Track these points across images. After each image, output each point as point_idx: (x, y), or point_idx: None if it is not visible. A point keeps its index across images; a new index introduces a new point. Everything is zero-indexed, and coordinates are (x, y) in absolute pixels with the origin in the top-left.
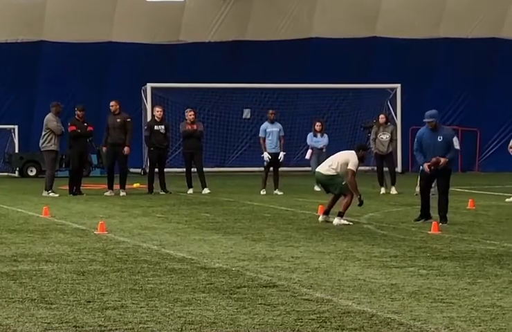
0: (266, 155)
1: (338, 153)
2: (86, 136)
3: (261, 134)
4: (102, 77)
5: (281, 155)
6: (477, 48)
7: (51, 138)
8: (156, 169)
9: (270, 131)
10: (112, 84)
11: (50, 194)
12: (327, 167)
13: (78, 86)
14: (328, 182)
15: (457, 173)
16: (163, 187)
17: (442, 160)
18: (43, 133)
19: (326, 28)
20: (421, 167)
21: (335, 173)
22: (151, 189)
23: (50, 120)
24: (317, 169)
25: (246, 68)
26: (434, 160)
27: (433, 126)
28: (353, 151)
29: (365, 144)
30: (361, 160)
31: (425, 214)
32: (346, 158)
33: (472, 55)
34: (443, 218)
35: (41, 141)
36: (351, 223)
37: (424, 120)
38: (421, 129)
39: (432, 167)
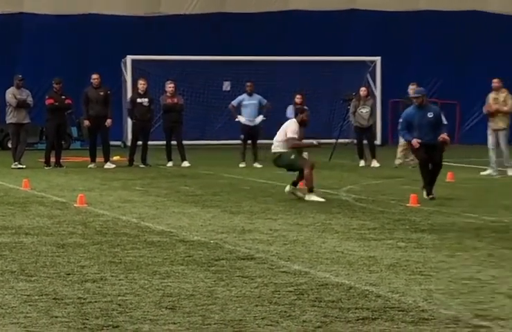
0: (240, 118)
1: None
2: (65, 109)
3: (233, 102)
4: (82, 49)
5: (259, 118)
6: (457, 21)
7: (11, 111)
8: (139, 142)
9: (248, 103)
10: (92, 56)
11: (18, 166)
12: (274, 144)
13: (58, 59)
14: (278, 162)
15: None
16: (144, 160)
17: (447, 137)
18: (6, 107)
19: (306, 0)
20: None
21: (282, 150)
22: (131, 162)
23: (7, 93)
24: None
25: (226, 40)
26: (441, 138)
27: (420, 102)
28: (293, 119)
29: (303, 107)
30: (302, 124)
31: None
32: (285, 129)
33: (452, 28)
34: (431, 192)
35: (6, 115)
36: (323, 200)
37: (411, 96)
38: (407, 109)
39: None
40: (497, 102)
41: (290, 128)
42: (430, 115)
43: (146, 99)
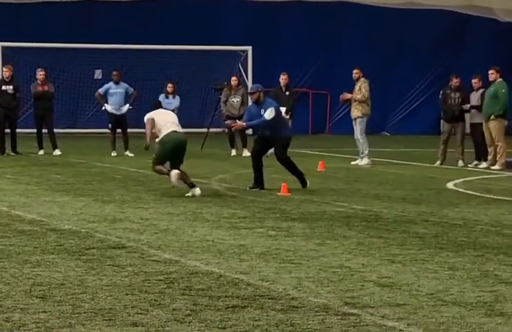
0: (106, 107)
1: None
2: None
3: (100, 90)
4: None
5: (125, 107)
6: (327, 11)
7: None
8: (8, 130)
9: (114, 91)
10: None
11: None
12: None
13: None
14: None
15: (308, 135)
16: (14, 149)
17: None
18: None
19: None
20: None
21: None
22: (2, 151)
23: None
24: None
25: (98, 27)
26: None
27: (256, 98)
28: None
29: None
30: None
31: (259, 182)
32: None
33: (323, 18)
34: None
35: None
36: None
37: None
38: (249, 105)
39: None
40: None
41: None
42: (262, 111)
43: (11, 87)
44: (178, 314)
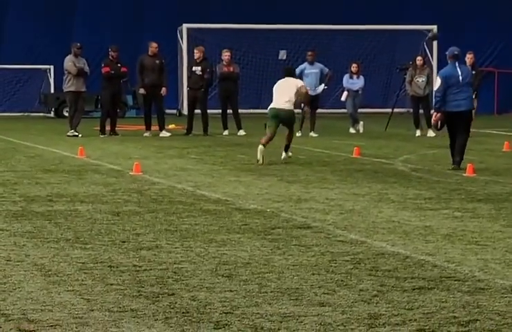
0: None
1: (283, 86)
2: (120, 77)
3: (296, 70)
4: (137, 17)
5: (321, 87)
6: None
7: (70, 79)
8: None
9: (309, 72)
10: (147, 24)
11: (74, 134)
12: (285, 102)
13: (114, 26)
14: (290, 118)
15: (493, 115)
16: (204, 130)
17: None
18: (64, 75)
19: None
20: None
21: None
22: (189, 130)
23: (66, 60)
24: (275, 107)
25: (282, 8)
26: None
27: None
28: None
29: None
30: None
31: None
32: (295, 85)
33: None
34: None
35: (63, 83)
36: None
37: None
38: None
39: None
40: None
41: (301, 82)
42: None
43: (199, 68)
44: (365, 294)
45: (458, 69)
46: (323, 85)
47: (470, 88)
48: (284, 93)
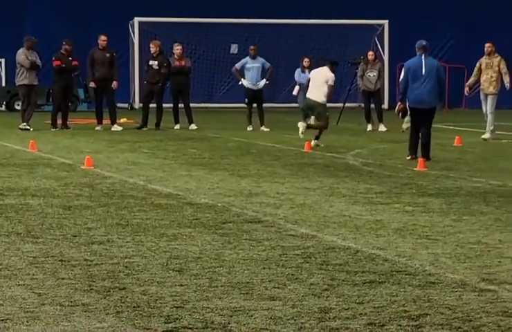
0: (243, 82)
1: (316, 77)
2: (72, 70)
3: (237, 65)
4: (89, 10)
5: (262, 82)
6: None
7: (22, 72)
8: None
9: (251, 66)
10: (99, 18)
11: (26, 127)
12: (319, 94)
13: (65, 19)
14: (321, 110)
15: (444, 110)
16: (157, 124)
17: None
18: (16, 68)
19: None
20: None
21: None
22: (144, 124)
23: (19, 54)
24: (310, 96)
25: (234, 1)
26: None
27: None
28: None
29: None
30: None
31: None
32: (325, 77)
33: None
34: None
35: (16, 77)
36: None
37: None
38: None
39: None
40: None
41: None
42: None
43: (156, 62)
44: (315, 288)
45: (423, 61)
46: (265, 80)
47: (435, 81)
48: (318, 86)
